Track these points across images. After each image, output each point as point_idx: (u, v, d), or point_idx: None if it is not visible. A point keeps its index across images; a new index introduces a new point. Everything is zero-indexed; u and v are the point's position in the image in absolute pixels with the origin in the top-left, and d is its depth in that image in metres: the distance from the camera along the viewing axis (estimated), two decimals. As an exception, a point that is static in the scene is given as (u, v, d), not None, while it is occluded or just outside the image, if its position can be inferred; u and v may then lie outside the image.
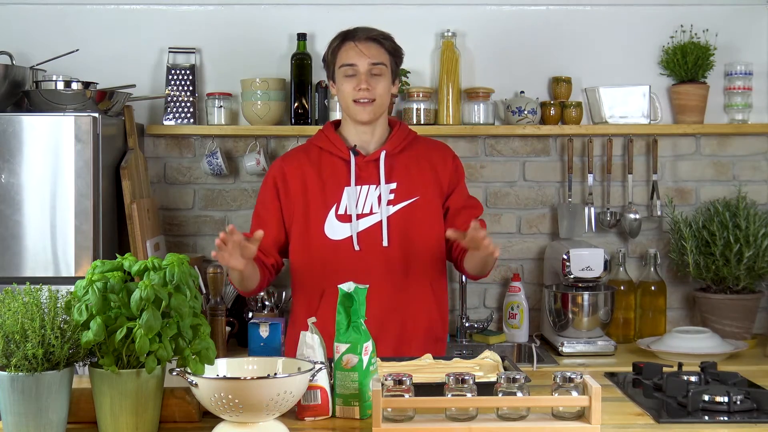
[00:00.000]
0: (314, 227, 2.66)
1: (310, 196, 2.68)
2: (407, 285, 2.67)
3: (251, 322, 2.27)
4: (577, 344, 3.33)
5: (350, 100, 2.65)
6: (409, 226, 2.67)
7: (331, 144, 2.71)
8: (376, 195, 2.67)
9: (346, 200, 2.66)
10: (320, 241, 2.66)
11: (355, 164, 2.67)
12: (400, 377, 1.89)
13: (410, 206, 2.68)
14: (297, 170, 2.71)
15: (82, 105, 3.15)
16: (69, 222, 3.06)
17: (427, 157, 2.74)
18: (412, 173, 2.70)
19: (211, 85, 3.67)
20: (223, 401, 1.76)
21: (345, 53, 2.66)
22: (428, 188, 2.71)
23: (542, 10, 3.70)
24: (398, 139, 2.73)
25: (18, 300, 1.79)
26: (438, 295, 2.73)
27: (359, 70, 2.64)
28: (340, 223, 2.66)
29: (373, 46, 2.66)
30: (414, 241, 2.67)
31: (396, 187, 2.68)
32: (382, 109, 2.69)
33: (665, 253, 3.67)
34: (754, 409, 2.02)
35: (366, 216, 2.66)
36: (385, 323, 2.59)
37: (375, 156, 2.68)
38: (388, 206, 2.66)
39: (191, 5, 3.67)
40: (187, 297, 1.83)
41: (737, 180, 3.71)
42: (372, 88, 2.63)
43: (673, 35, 3.67)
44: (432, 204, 2.70)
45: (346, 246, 2.64)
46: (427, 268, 2.70)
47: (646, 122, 3.59)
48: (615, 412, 2.03)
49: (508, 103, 3.61)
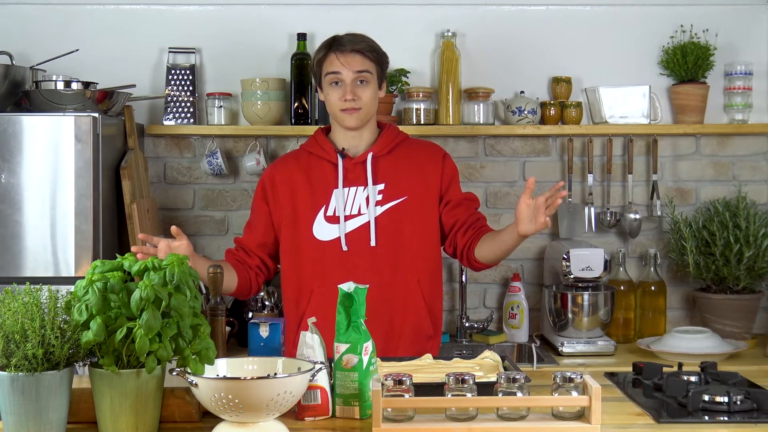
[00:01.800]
0: (303, 229, 2.73)
1: (298, 199, 2.74)
2: (394, 283, 2.71)
3: (251, 322, 2.27)
4: (577, 344, 3.33)
5: (337, 109, 2.71)
6: (397, 225, 2.71)
7: (320, 148, 2.77)
8: (364, 196, 2.72)
9: (335, 202, 2.71)
10: (309, 242, 2.72)
11: (343, 166, 2.72)
12: (400, 377, 1.89)
13: (398, 206, 2.72)
14: (285, 174, 2.78)
15: (82, 105, 3.15)
16: (69, 222, 3.06)
17: (415, 158, 2.78)
18: (400, 174, 2.74)
19: (211, 85, 3.67)
20: (223, 401, 1.76)
21: (330, 63, 2.70)
22: (417, 188, 2.74)
23: (542, 10, 3.70)
24: (386, 141, 2.77)
25: (18, 300, 1.79)
26: (427, 293, 2.76)
27: (344, 80, 2.68)
28: (328, 224, 2.72)
29: (357, 56, 2.70)
30: (402, 240, 2.71)
31: (384, 187, 2.72)
32: (369, 115, 2.73)
33: (665, 253, 3.67)
34: (754, 409, 2.02)
35: (354, 217, 2.71)
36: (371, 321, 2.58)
37: (362, 158, 2.73)
38: (376, 207, 2.71)
39: (191, 5, 3.67)
40: (187, 297, 1.83)
41: (737, 180, 3.71)
42: (358, 97, 2.68)
43: (673, 35, 3.67)
44: (421, 203, 2.74)
45: (334, 246, 2.70)
46: (415, 266, 2.73)
47: (646, 122, 3.59)
48: (615, 412, 2.03)
49: (508, 103, 3.61)
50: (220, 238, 3.68)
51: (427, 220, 2.75)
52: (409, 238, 2.72)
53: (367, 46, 2.72)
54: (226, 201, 3.70)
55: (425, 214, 2.75)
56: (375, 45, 2.75)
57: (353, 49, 2.69)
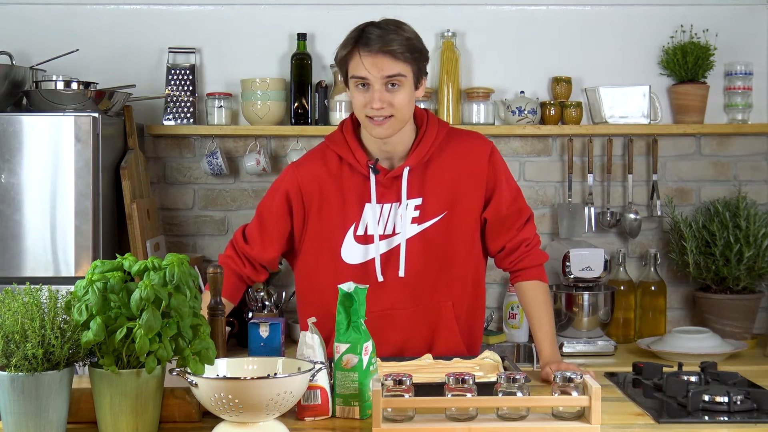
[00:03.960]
0: (331, 250, 2.40)
1: (328, 214, 2.39)
2: (428, 309, 2.42)
3: (251, 322, 2.26)
4: (577, 344, 3.34)
5: (363, 115, 2.30)
6: (433, 246, 2.39)
7: (351, 155, 2.38)
8: (399, 213, 2.38)
9: (366, 219, 2.38)
10: (338, 266, 2.39)
11: (376, 181, 2.37)
12: (400, 377, 1.89)
13: (436, 224, 2.39)
14: (315, 183, 2.41)
15: (82, 105, 3.15)
16: (69, 222, 3.06)
17: (459, 160, 2.41)
18: (440, 186, 2.39)
19: (211, 85, 3.67)
20: (223, 401, 1.76)
21: (354, 66, 2.28)
22: (459, 200, 2.40)
23: (542, 10, 3.70)
24: (424, 149, 2.38)
25: (18, 300, 1.79)
26: (463, 317, 2.46)
27: (372, 83, 2.26)
28: (357, 244, 2.39)
29: (387, 59, 2.25)
30: (434, 264, 2.40)
31: (421, 203, 2.38)
32: (403, 122, 2.32)
33: (665, 253, 3.67)
34: (754, 409, 2.02)
35: (388, 237, 2.39)
36: (405, 353, 2.40)
37: (397, 173, 2.37)
38: (412, 224, 2.38)
39: (191, 5, 3.67)
40: (187, 297, 1.83)
41: (737, 180, 3.71)
42: (388, 104, 2.27)
43: (673, 35, 3.67)
44: (462, 218, 2.40)
45: (363, 272, 2.38)
46: (451, 288, 2.43)
47: (646, 122, 3.59)
48: (615, 412, 2.03)
49: (508, 103, 3.61)
50: (220, 238, 3.68)
51: (467, 237, 2.42)
52: (445, 259, 2.40)
53: (399, 45, 2.25)
54: (226, 201, 3.70)
55: (467, 230, 2.41)
56: (411, 42, 2.29)
57: (382, 49, 2.24)
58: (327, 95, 3.59)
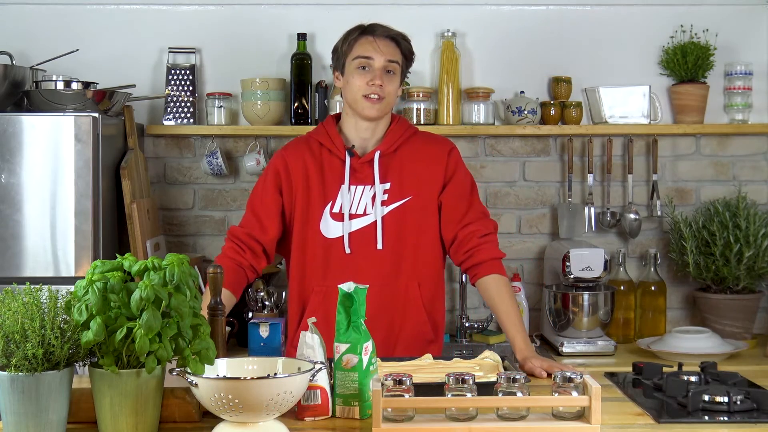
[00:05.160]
0: (311, 223, 2.67)
1: (311, 191, 2.67)
2: (395, 287, 2.66)
3: (251, 322, 2.26)
4: (577, 344, 3.33)
5: (360, 94, 2.61)
6: (400, 227, 2.66)
7: (330, 141, 2.69)
8: (370, 195, 2.65)
9: (341, 199, 2.65)
10: (315, 238, 2.66)
11: (351, 165, 2.65)
12: (400, 377, 1.89)
13: (402, 207, 2.66)
14: (299, 162, 2.69)
15: (82, 105, 3.15)
16: (69, 222, 3.06)
17: (422, 154, 2.70)
18: (405, 172, 2.67)
19: (211, 85, 3.67)
20: (223, 401, 1.76)
21: (362, 46, 2.62)
22: (422, 187, 2.67)
23: (542, 10, 3.70)
24: (394, 137, 2.69)
25: (18, 300, 1.79)
26: (427, 297, 2.70)
27: (374, 66, 2.61)
28: (333, 221, 2.66)
29: (391, 44, 2.63)
30: (404, 243, 2.66)
31: (390, 187, 2.66)
32: (389, 108, 2.67)
33: (665, 253, 3.67)
34: (754, 409, 2.02)
35: (359, 216, 2.66)
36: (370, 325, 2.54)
37: (369, 157, 2.66)
38: (382, 207, 2.65)
39: (191, 5, 3.67)
40: (187, 297, 1.83)
41: (737, 180, 3.71)
42: (384, 85, 2.60)
43: (673, 35, 3.67)
44: (424, 203, 2.67)
45: (337, 245, 2.65)
46: (417, 269, 2.68)
47: (646, 122, 3.59)
48: (615, 412, 2.03)
49: (508, 103, 3.61)
50: (220, 238, 3.68)
51: (429, 222, 2.68)
52: (412, 240, 2.66)
53: (400, 35, 2.66)
54: (226, 201, 3.70)
55: (428, 216, 2.68)
56: (407, 40, 2.69)
57: (388, 35, 2.63)
58: (327, 95, 3.59)
